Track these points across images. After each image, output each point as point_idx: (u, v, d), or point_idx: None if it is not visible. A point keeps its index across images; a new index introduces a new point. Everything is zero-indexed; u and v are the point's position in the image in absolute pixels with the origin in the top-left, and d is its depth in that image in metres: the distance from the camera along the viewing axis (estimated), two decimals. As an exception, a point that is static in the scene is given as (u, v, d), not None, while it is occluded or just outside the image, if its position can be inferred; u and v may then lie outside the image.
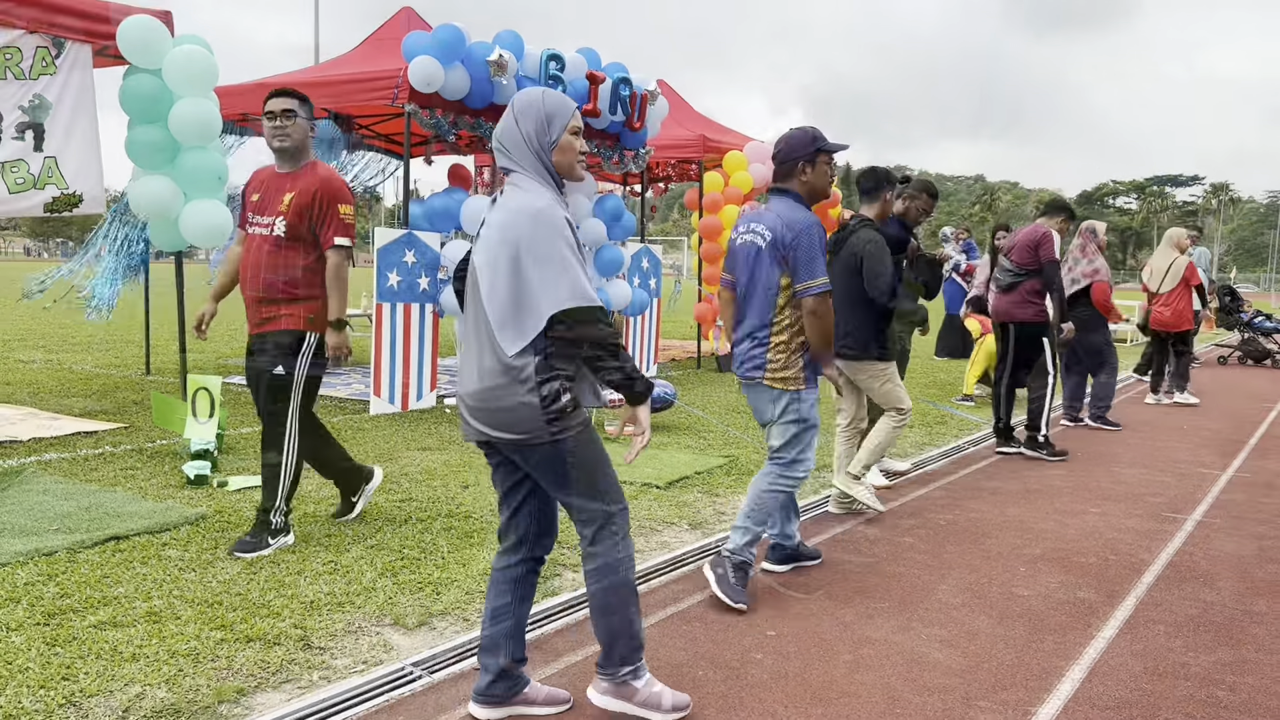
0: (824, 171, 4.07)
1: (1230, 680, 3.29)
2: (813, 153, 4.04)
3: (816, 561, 4.44)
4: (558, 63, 8.39)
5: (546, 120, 2.69)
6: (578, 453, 2.72)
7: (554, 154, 2.71)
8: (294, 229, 4.26)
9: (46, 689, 2.94)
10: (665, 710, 2.84)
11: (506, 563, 2.91)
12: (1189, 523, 5.33)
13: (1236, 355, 15.23)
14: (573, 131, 2.72)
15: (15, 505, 4.81)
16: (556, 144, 2.70)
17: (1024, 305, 6.96)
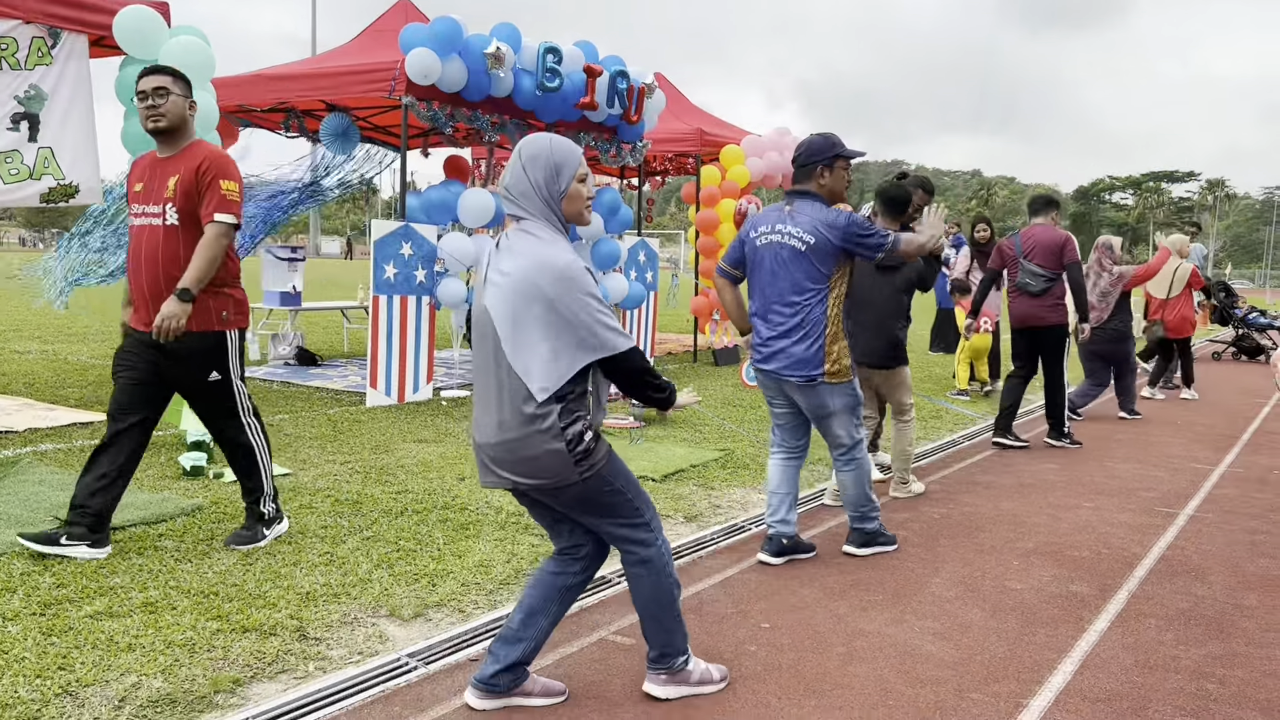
0: (841, 176, 4.28)
1: (1220, 673, 3.32)
2: (831, 157, 4.23)
3: (811, 554, 4.46)
4: (555, 55, 8.38)
5: (555, 170, 2.71)
6: (611, 482, 2.79)
7: (563, 203, 2.74)
8: (186, 214, 4.00)
9: (43, 678, 2.96)
10: (717, 682, 3.06)
11: (562, 569, 2.96)
12: (1181, 517, 5.36)
13: (1230, 351, 15.28)
14: (580, 179, 2.75)
15: (11, 495, 4.81)
16: (566, 193, 2.73)
17: (1055, 309, 7.09)
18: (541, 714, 2.87)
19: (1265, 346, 14.82)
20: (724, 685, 3.07)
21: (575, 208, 2.77)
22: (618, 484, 2.80)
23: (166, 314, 3.87)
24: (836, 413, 4.28)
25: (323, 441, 6.49)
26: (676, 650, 2.98)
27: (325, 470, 5.68)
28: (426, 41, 7.72)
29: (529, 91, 8.32)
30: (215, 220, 3.98)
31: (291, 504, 4.92)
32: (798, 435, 4.47)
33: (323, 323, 15.87)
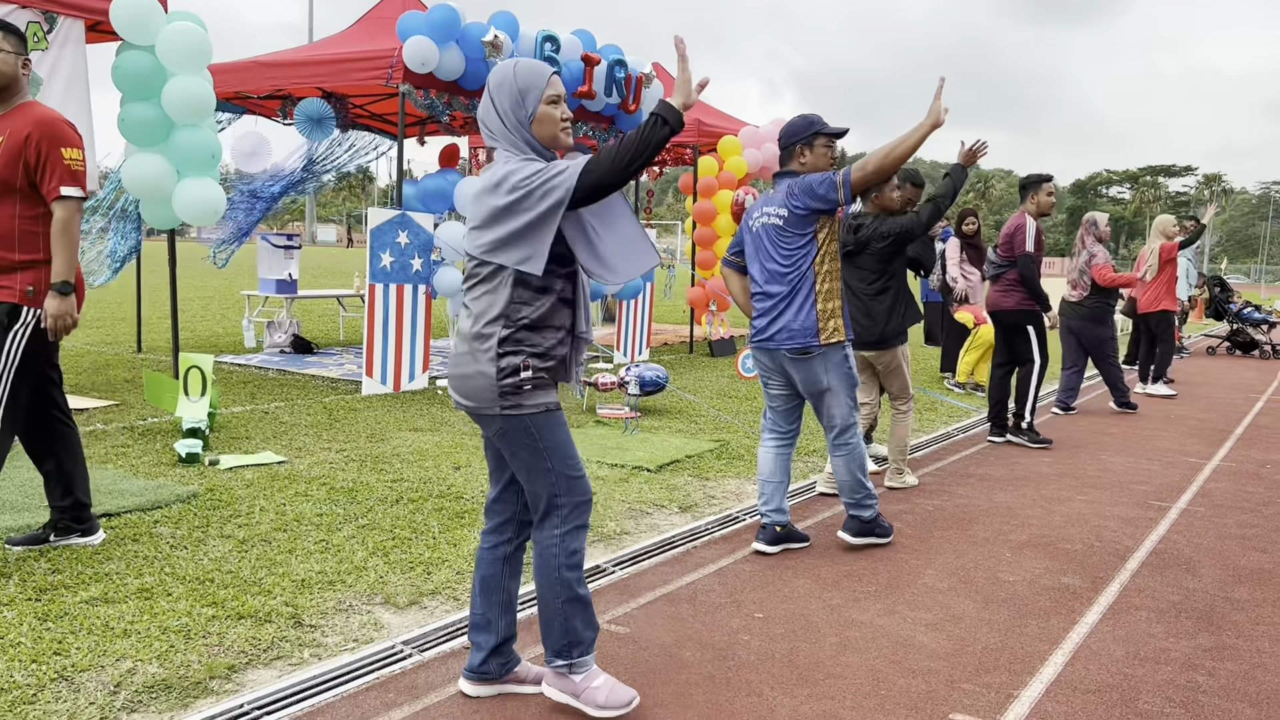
0: (822, 154, 4.27)
1: (1210, 665, 3.34)
2: (810, 136, 4.26)
3: (805, 545, 4.48)
4: (553, 44, 8.37)
5: (521, 95, 2.63)
6: (532, 433, 2.69)
7: (533, 127, 2.65)
8: (3, 180, 3.60)
9: (38, 663, 2.96)
10: (598, 706, 2.75)
11: (494, 541, 2.91)
12: (1174, 511, 5.39)
13: (1225, 346, 15.32)
14: (549, 101, 2.65)
15: (7, 481, 4.82)
16: (534, 117, 2.64)
17: (1007, 294, 7.01)
18: (538, 701, 2.89)
19: (1259, 341, 14.87)
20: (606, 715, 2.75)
21: (547, 131, 2.66)
22: (542, 447, 2.69)
23: (52, 314, 3.66)
24: (832, 389, 4.29)
25: (318, 430, 6.49)
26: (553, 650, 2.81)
27: (321, 458, 5.69)
28: (424, 29, 7.70)
29: (527, 80, 8.30)
30: (62, 196, 3.65)
31: (287, 491, 4.93)
32: (790, 419, 4.49)
33: (319, 310, 15.86)
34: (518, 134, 2.65)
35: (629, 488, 5.37)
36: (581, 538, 2.78)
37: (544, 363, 2.70)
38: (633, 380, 7.27)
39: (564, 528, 2.75)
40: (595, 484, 5.39)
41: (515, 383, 2.65)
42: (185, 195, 6.58)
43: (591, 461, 5.92)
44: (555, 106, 2.66)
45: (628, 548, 4.36)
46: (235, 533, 4.26)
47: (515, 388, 2.65)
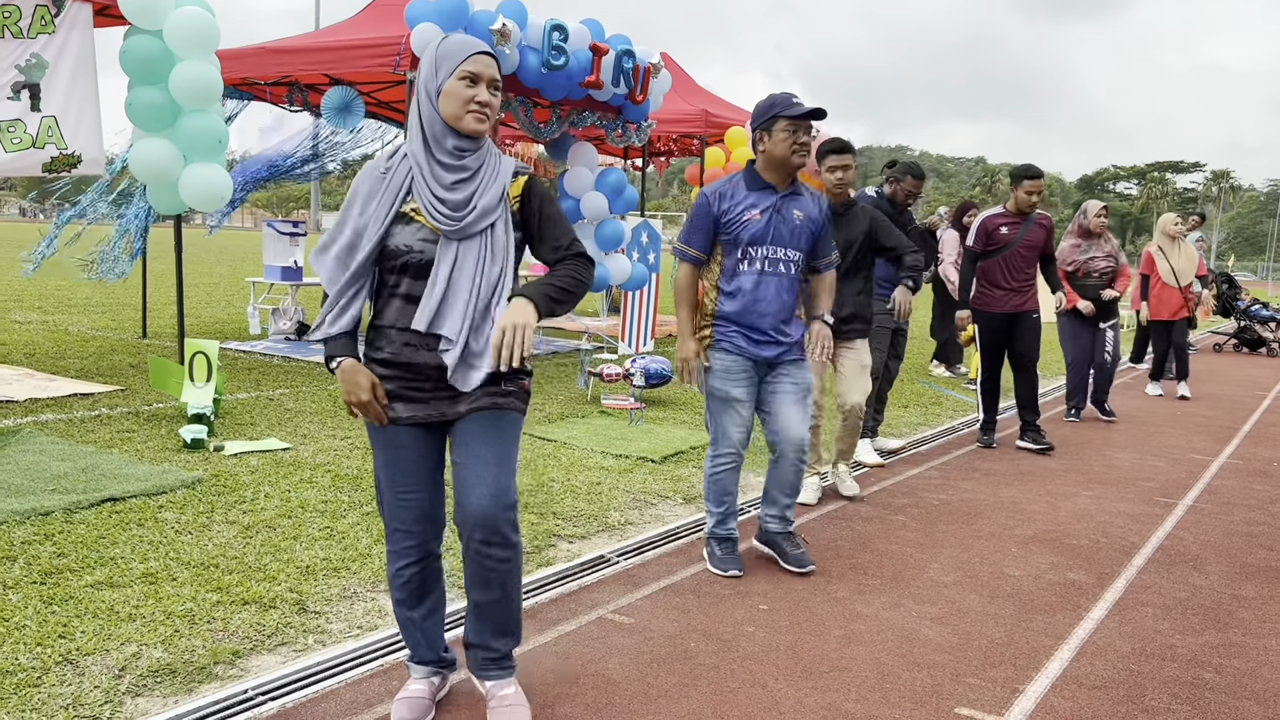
0: (782, 140, 3.77)
1: (1217, 662, 3.33)
2: (769, 120, 3.80)
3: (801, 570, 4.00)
4: (561, 33, 8.33)
5: (435, 65, 2.46)
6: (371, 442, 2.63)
7: (439, 101, 2.46)
8: None
9: (43, 646, 2.96)
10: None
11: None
12: (1180, 507, 5.37)
13: (1232, 343, 15.28)
14: (462, 77, 2.43)
15: (11, 465, 4.82)
16: (442, 89, 2.45)
17: (977, 295, 6.84)
18: (541, 690, 2.88)
19: (1267, 339, 14.82)
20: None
21: (450, 108, 2.44)
22: (374, 460, 2.61)
23: None
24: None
25: (323, 416, 6.49)
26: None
27: (325, 445, 5.68)
28: (432, 16, 7.67)
29: (534, 69, 8.28)
30: None
31: (292, 478, 4.93)
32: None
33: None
34: (424, 109, 2.49)
35: (633, 479, 5.36)
36: (396, 563, 2.63)
37: (385, 370, 2.53)
38: (638, 372, 7.26)
39: (387, 546, 2.66)
40: (599, 474, 5.38)
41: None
42: (192, 180, 6.57)
43: (596, 452, 5.91)
44: (469, 85, 2.44)
45: (632, 538, 4.36)
46: (240, 519, 4.26)
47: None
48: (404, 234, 2.48)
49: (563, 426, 6.59)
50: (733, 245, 3.87)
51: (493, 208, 2.52)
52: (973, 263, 6.74)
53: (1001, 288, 6.68)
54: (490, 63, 2.48)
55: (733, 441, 3.95)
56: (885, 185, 6.22)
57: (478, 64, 2.46)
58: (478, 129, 2.48)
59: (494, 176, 2.54)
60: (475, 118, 2.46)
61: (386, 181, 2.51)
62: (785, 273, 3.90)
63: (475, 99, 2.45)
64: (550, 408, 7.25)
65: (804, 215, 3.93)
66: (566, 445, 6.04)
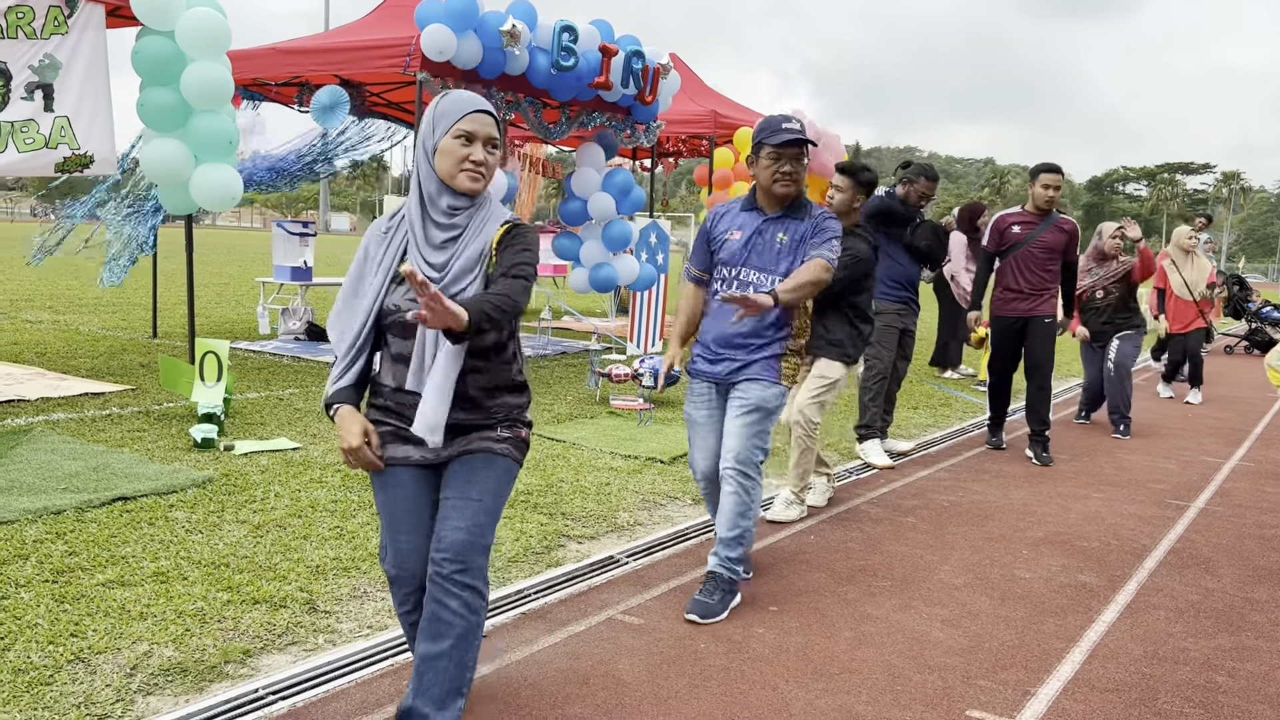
0: (764, 167, 3.63)
1: (1229, 666, 3.31)
2: (756, 145, 3.68)
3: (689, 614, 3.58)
4: (571, 34, 8.33)
5: (434, 122, 2.46)
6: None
7: (435, 158, 2.45)
8: None
9: (55, 645, 2.97)
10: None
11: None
12: (1192, 510, 5.34)
13: (1243, 345, 15.21)
14: (457, 135, 2.42)
15: (23, 464, 4.84)
16: (438, 147, 2.45)
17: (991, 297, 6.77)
18: (551, 691, 2.88)
19: (1278, 340, 14.75)
20: None
21: (445, 165, 2.43)
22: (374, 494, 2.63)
23: None
24: None
25: (333, 416, 6.50)
26: None
27: (335, 445, 5.69)
28: (442, 17, 7.67)
29: (544, 70, 8.28)
30: None
31: (302, 478, 4.94)
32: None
33: (333, 298, 15.88)
34: (422, 165, 2.50)
35: (642, 479, 5.35)
36: (398, 605, 2.63)
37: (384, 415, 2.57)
38: (647, 372, 7.25)
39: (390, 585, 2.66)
40: (608, 475, 5.38)
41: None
42: (203, 181, 6.59)
43: (605, 453, 5.91)
44: (464, 144, 2.43)
45: (641, 539, 4.35)
46: (250, 518, 4.27)
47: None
48: (395, 294, 2.48)
49: (571, 427, 6.59)
50: (714, 265, 3.79)
51: (469, 268, 2.47)
52: (988, 263, 6.61)
53: (1011, 290, 6.49)
54: (487, 121, 2.45)
55: (694, 464, 3.83)
56: (899, 186, 6.21)
57: (474, 122, 2.43)
58: (472, 188, 2.45)
59: (477, 234, 2.50)
60: (469, 176, 2.44)
61: (387, 242, 2.53)
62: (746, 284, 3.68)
63: (470, 158, 2.43)
64: (559, 408, 7.26)
65: (788, 238, 3.67)
66: (575, 446, 6.04)
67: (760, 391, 3.63)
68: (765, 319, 3.66)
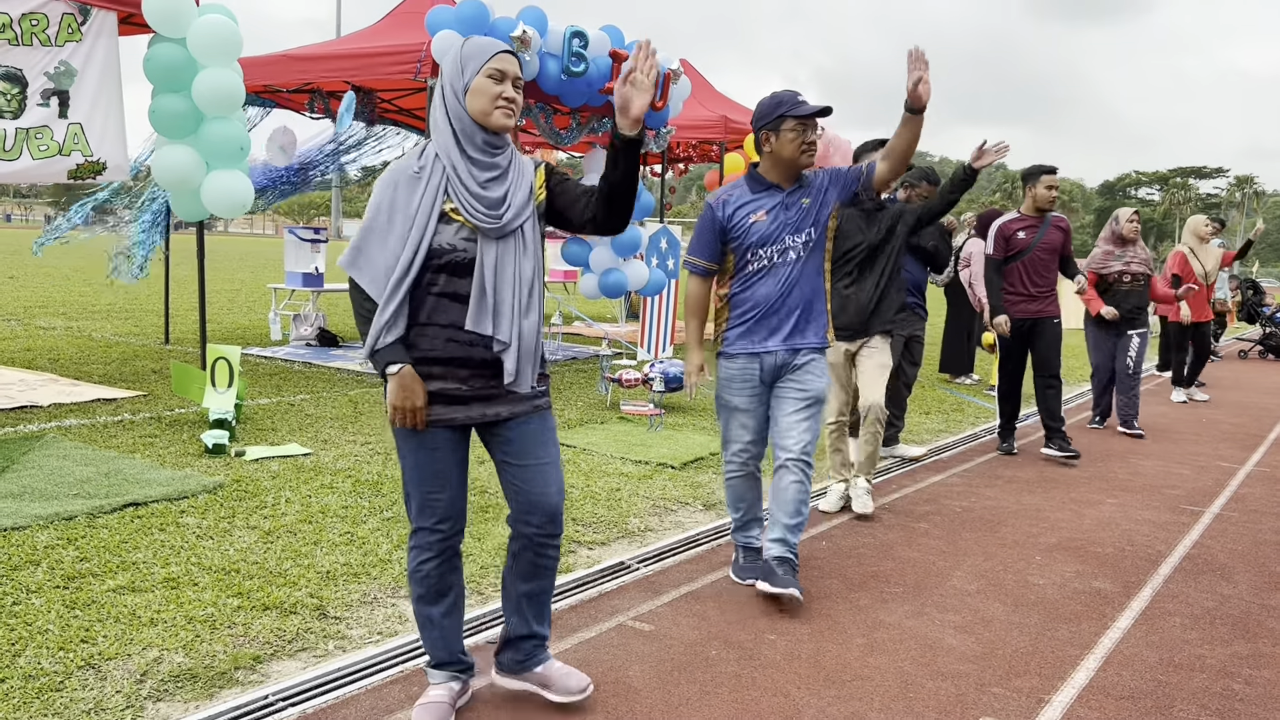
0: (790, 140, 3.64)
1: (1247, 673, 3.27)
2: (775, 120, 3.66)
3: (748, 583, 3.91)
4: (581, 40, 8.34)
5: (461, 64, 2.53)
6: (398, 442, 2.63)
7: (467, 99, 2.51)
8: None
9: (65, 651, 2.97)
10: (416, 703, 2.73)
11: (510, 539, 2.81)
12: (1207, 515, 5.30)
13: (1257, 349, 15.11)
14: (489, 74, 2.50)
15: (35, 470, 4.85)
16: (469, 87, 2.51)
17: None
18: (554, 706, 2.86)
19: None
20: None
21: (479, 104, 2.50)
22: (401, 460, 2.63)
23: None
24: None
25: (343, 422, 6.51)
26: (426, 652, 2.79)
27: (346, 451, 5.70)
28: (453, 24, 7.69)
29: (554, 76, 8.29)
30: None
31: (313, 483, 4.94)
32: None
33: (344, 304, 15.92)
34: (452, 108, 2.54)
35: (653, 485, 5.34)
36: (418, 558, 2.67)
37: (422, 367, 2.55)
38: (657, 377, 7.24)
39: (409, 542, 2.72)
40: (619, 480, 5.36)
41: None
42: (214, 187, 6.61)
43: (615, 458, 5.90)
44: (496, 82, 2.51)
45: (651, 545, 4.34)
46: (261, 524, 4.27)
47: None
48: (445, 233, 2.53)
49: (582, 432, 6.58)
50: (740, 250, 3.76)
51: (525, 205, 2.60)
52: (997, 270, 6.61)
53: (1021, 293, 6.55)
54: (514, 61, 2.56)
55: (735, 450, 3.88)
56: (900, 190, 6.18)
57: (503, 61, 2.53)
58: (505, 124, 2.55)
59: (521, 174, 2.62)
60: (503, 113, 2.53)
61: (424, 182, 2.54)
62: (795, 260, 3.72)
63: (502, 95, 2.52)
64: (570, 413, 7.25)
65: (810, 200, 3.74)
66: (586, 451, 6.03)
67: (817, 383, 3.77)
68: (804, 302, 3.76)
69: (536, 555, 2.71)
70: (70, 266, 22.24)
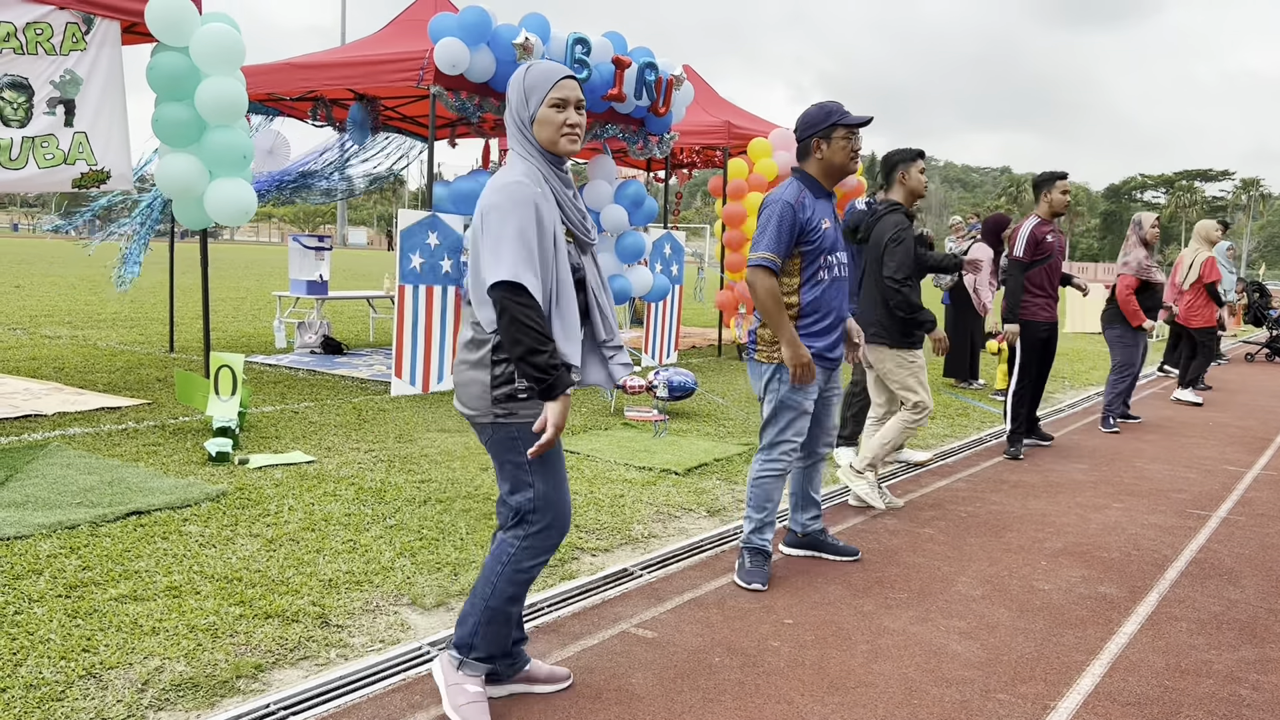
0: (841, 147, 3.93)
1: (1254, 679, 3.25)
2: (827, 128, 3.93)
3: (852, 559, 4.32)
4: (584, 46, 8.35)
5: (526, 95, 2.63)
6: (519, 445, 2.65)
7: (534, 129, 2.64)
8: None
9: (67, 660, 2.97)
10: (453, 708, 2.71)
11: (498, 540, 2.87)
12: (1213, 519, 5.27)
13: (1264, 352, 15.05)
14: (553, 104, 2.61)
15: (39, 478, 4.85)
16: (535, 118, 2.63)
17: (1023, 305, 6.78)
18: (562, 705, 2.86)
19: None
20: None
21: (546, 134, 2.62)
22: (521, 458, 2.65)
23: None
24: (761, 396, 4.05)
25: (347, 430, 6.51)
26: (456, 639, 2.79)
27: (349, 458, 5.69)
28: (455, 31, 7.71)
29: (557, 82, 8.30)
30: None
31: (316, 491, 4.94)
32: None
33: (349, 312, 15.94)
34: (521, 134, 2.66)
35: (657, 491, 5.33)
36: (535, 560, 2.72)
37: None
38: (661, 384, 7.23)
39: (525, 541, 2.71)
40: (622, 487, 5.35)
41: (509, 391, 2.62)
42: (217, 195, 6.62)
43: (619, 464, 5.89)
44: (559, 110, 2.62)
45: (655, 551, 4.32)
46: (264, 532, 4.27)
47: (509, 395, 2.62)
48: (572, 252, 2.70)
49: (585, 439, 6.57)
50: (814, 254, 3.93)
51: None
52: (1023, 272, 6.70)
53: (1046, 295, 6.75)
54: (575, 85, 2.66)
55: (789, 449, 4.00)
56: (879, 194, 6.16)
57: (564, 89, 2.63)
58: (571, 150, 2.66)
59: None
60: (569, 140, 2.64)
61: (551, 203, 2.64)
62: (847, 276, 4.09)
63: (567, 122, 2.63)
64: (573, 420, 7.24)
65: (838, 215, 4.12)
66: (589, 457, 6.02)
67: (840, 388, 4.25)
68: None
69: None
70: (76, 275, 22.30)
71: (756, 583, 3.88)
